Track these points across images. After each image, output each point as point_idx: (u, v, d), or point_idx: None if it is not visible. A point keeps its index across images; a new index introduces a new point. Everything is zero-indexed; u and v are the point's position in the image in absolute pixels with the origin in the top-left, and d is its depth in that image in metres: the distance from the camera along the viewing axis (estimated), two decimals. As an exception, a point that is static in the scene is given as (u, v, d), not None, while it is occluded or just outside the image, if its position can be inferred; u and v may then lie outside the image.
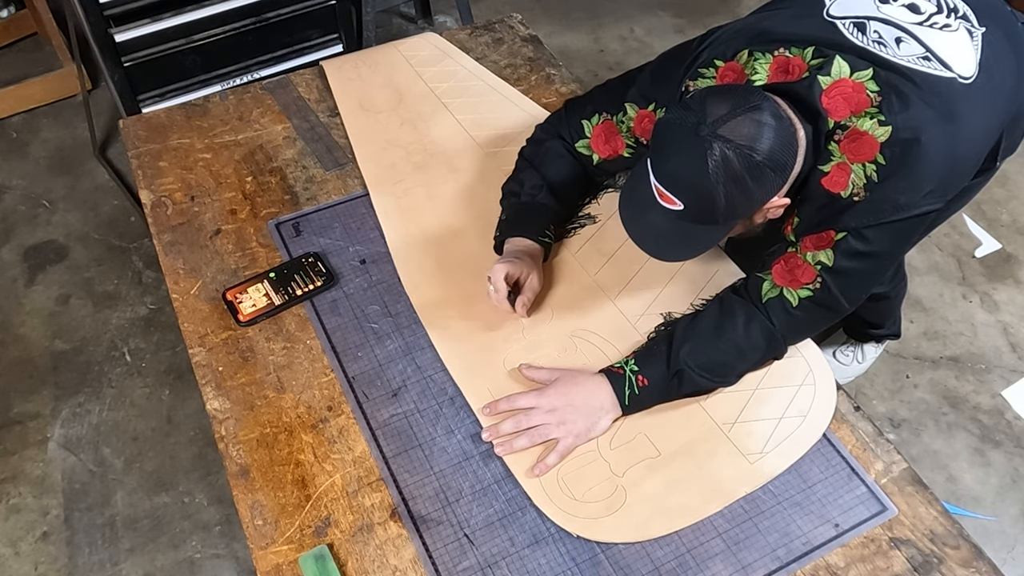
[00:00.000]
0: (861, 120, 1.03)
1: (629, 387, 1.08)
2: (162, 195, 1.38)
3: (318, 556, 0.97)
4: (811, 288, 1.08)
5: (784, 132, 1.00)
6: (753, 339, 1.10)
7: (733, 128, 0.97)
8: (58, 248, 2.28)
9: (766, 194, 1.01)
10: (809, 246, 1.08)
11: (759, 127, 0.97)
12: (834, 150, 1.04)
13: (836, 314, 1.12)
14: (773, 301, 1.10)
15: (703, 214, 1.02)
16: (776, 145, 0.98)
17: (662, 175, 1.01)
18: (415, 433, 1.09)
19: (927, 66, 1.06)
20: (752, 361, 1.12)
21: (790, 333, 1.12)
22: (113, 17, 2.08)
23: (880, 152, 1.02)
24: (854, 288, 1.10)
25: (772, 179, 1.00)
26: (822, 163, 1.05)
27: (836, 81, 1.04)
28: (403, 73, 1.60)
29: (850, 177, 1.03)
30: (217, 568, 1.70)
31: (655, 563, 0.98)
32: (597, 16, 3.06)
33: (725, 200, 0.99)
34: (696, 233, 1.06)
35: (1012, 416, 1.98)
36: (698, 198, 1.00)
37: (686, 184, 1.00)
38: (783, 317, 1.10)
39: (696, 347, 1.09)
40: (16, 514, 1.77)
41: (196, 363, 1.16)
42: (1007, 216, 2.44)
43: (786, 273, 1.10)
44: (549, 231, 1.25)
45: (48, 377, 2.00)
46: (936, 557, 1.00)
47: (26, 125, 2.62)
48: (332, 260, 1.28)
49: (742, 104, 0.98)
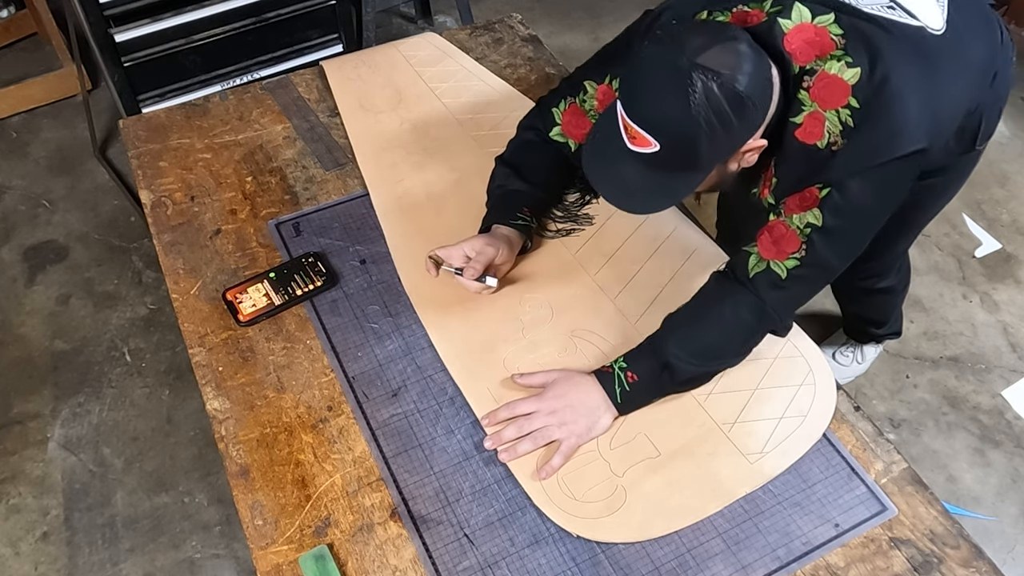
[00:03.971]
0: (828, 63, 0.98)
1: (619, 385, 1.08)
2: (162, 195, 1.38)
3: (318, 556, 0.97)
4: (797, 257, 1.04)
5: (761, 64, 0.95)
6: (739, 315, 1.07)
7: (713, 57, 0.91)
8: (58, 248, 2.28)
9: (747, 131, 0.96)
10: (794, 207, 1.03)
11: (739, 57, 0.92)
12: (804, 99, 1.00)
13: (828, 275, 1.08)
14: (759, 276, 1.06)
15: (682, 156, 0.96)
16: (756, 77, 0.93)
17: (637, 115, 0.95)
18: (415, 433, 1.09)
19: (892, 14, 1.03)
20: (745, 341, 1.10)
21: (783, 306, 1.08)
22: (113, 17, 2.08)
23: (852, 95, 0.97)
24: (844, 246, 1.05)
25: (753, 115, 0.95)
26: (793, 114, 1.01)
27: (797, 25, 1.00)
28: (403, 73, 1.60)
29: (825, 126, 0.99)
30: (217, 568, 1.70)
31: (655, 563, 0.98)
32: (597, 16, 3.06)
33: (708, 139, 0.93)
34: (672, 180, 1.00)
35: (1012, 416, 1.98)
36: (678, 137, 0.94)
37: (665, 122, 0.94)
38: (773, 292, 1.06)
39: (679, 334, 1.08)
40: (16, 514, 1.77)
41: (196, 363, 1.16)
42: (1007, 216, 2.44)
43: (771, 245, 1.05)
44: (523, 214, 1.23)
45: (48, 377, 2.00)
46: (936, 557, 1.00)
47: (26, 125, 2.62)
48: (332, 260, 1.28)
49: (719, 34, 0.94)
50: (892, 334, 1.97)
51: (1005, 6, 2.81)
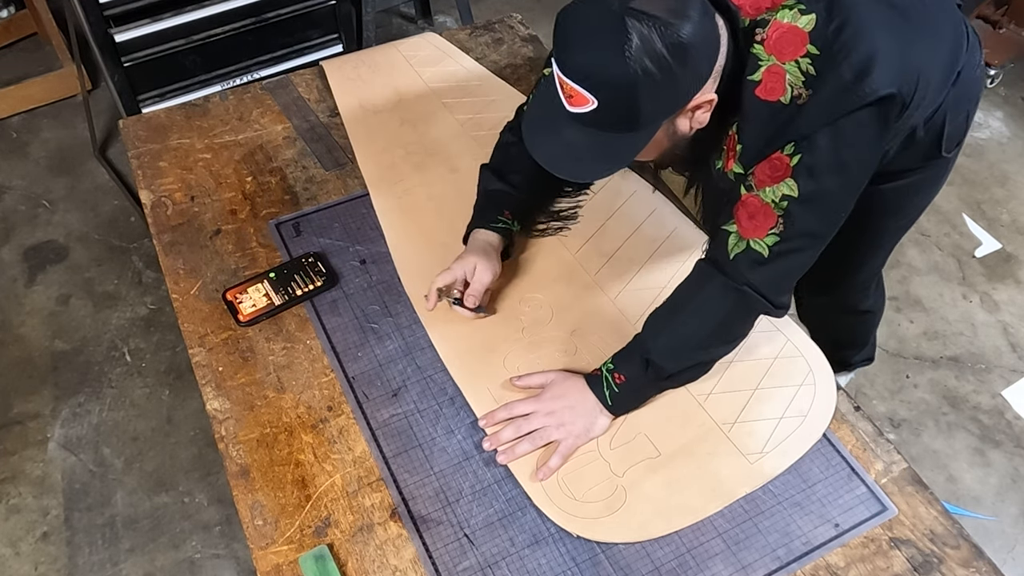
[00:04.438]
0: (781, 13, 0.92)
1: (608, 387, 1.07)
2: (162, 195, 1.38)
3: (318, 556, 0.97)
4: (776, 232, 0.97)
5: (706, 12, 0.88)
6: (719, 302, 1.02)
7: (649, 1, 0.84)
8: (58, 248, 2.29)
9: (692, 82, 0.90)
10: (765, 179, 0.96)
11: (677, 1, 0.86)
12: (760, 53, 0.93)
13: (816, 243, 1.00)
14: (740, 256, 0.99)
15: (620, 112, 0.88)
16: (697, 21, 0.86)
17: (569, 68, 0.87)
18: (415, 433, 1.09)
19: None
20: (727, 325, 1.05)
21: (771, 284, 1.01)
22: (113, 17, 2.08)
23: (810, 42, 0.91)
24: (827, 211, 0.98)
25: (697, 63, 0.88)
26: (750, 72, 0.93)
27: None
28: (403, 73, 1.60)
29: (786, 79, 0.92)
30: (217, 568, 1.70)
31: (655, 563, 0.98)
32: (597, 16, 3.05)
33: (646, 90, 0.85)
34: (613, 142, 0.92)
35: (1012, 416, 1.98)
36: (615, 92, 0.86)
37: (600, 75, 0.86)
38: (758, 272, 0.99)
39: (658, 329, 1.06)
40: (16, 514, 1.77)
41: (196, 363, 1.16)
42: (1007, 216, 2.44)
43: (747, 222, 0.98)
44: (504, 216, 1.22)
45: (48, 377, 2.00)
46: (936, 557, 1.00)
47: (26, 125, 2.62)
48: (332, 260, 1.28)
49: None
50: (865, 360, 1.89)
51: (1005, 6, 2.81)
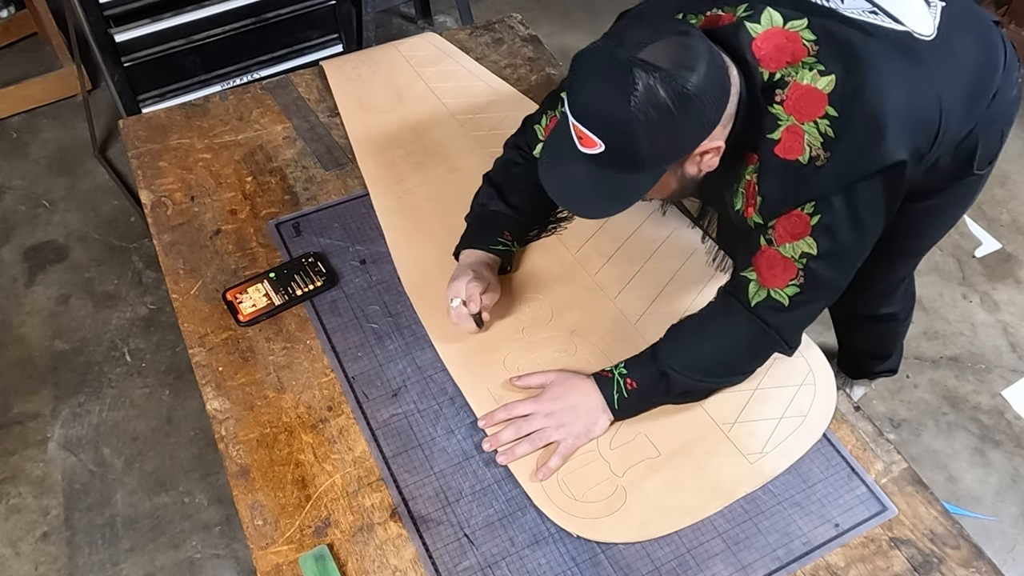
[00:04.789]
0: (800, 72, 0.95)
1: (618, 391, 1.07)
2: (162, 195, 1.38)
3: (318, 556, 0.97)
4: (797, 284, 1.01)
5: (714, 63, 0.91)
6: (741, 337, 1.06)
7: (655, 51, 0.87)
8: (58, 248, 2.28)
9: (696, 132, 0.92)
10: (784, 236, 1.00)
11: (685, 51, 0.88)
12: (779, 113, 0.96)
13: (833, 293, 1.05)
14: (762, 304, 1.04)
15: (626, 156, 0.92)
16: (706, 75, 0.89)
17: (578, 111, 0.92)
18: (415, 433, 1.09)
19: (875, 18, 0.99)
20: (748, 358, 1.09)
21: (789, 329, 1.06)
22: (113, 17, 2.08)
23: (829, 104, 0.93)
24: (843, 266, 1.02)
25: (702, 113, 0.90)
26: (770, 130, 0.97)
27: (767, 30, 0.97)
28: (403, 73, 1.60)
29: (804, 139, 0.95)
30: (217, 568, 1.70)
31: (655, 563, 0.98)
32: (597, 16, 3.06)
33: (649, 137, 0.89)
34: (620, 183, 0.96)
35: (1012, 416, 1.98)
36: (619, 136, 0.90)
37: (605, 118, 0.90)
38: (778, 317, 1.04)
39: (678, 347, 1.07)
40: (16, 514, 1.77)
41: (196, 363, 1.16)
42: (1007, 216, 2.44)
43: (767, 271, 1.03)
44: (504, 238, 1.22)
45: (48, 377, 2.00)
46: (936, 557, 1.00)
47: (26, 125, 2.62)
48: (332, 260, 1.28)
49: (667, 29, 0.91)
50: (888, 371, 1.90)
51: (1005, 6, 2.81)
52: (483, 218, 1.24)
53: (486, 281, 1.16)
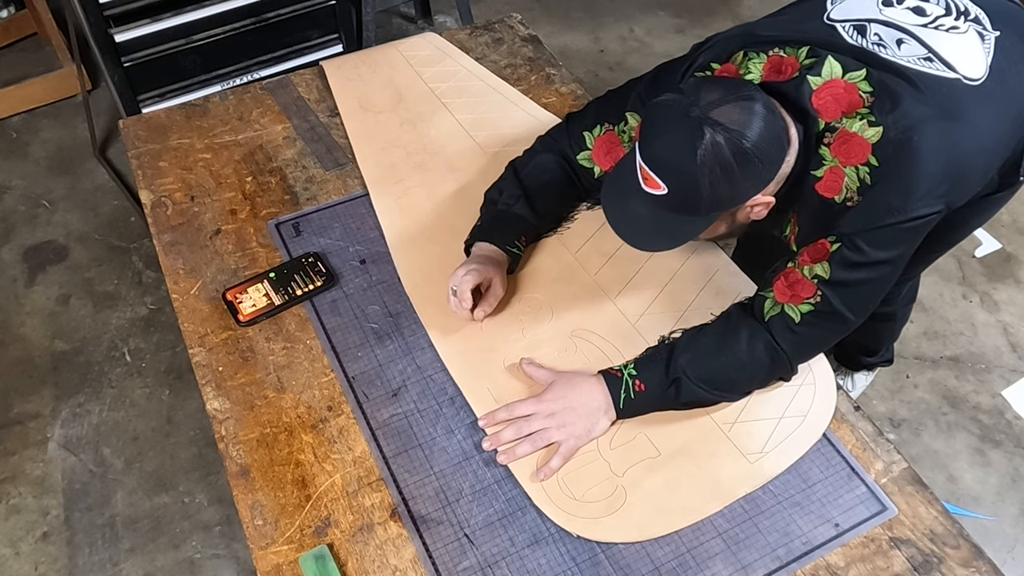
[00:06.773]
0: (851, 121, 1.01)
1: (625, 391, 1.08)
2: (162, 195, 1.38)
3: (318, 556, 0.97)
4: (812, 303, 1.06)
5: (774, 125, 0.99)
6: (756, 355, 1.08)
7: (725, 113, 0.96)
8: (58, 248, 2.28)
9: (752, 187, 1.00)
10: (806, 259, 1.06)
11: (750, 115, 0.96)
12: (825, 154, 1.03)
13: (843, 327, 1.09)
14: (775, 319, 1.08)
15: (686, 201, 1.00)
16: (766, 135, 0.97)
17: (648, 156, 1.00)
18: (415, 433, 1.09)
19: (928, 66, 1.04)
20: (755, 378, 1.11)
21: (796, 351, 1.09)
22: (113, 17, 2.08)
23: (872, 154, 1.00)
24: (857, 299, 1.07)
25: (759, 171, 0.98)
26: (814, 168, 1.04)
27: (827, 82, 1.03)
28: (403, 73, 1.60)
29: (843, 181, 1.02)
30: (217, 568, 1.70)
31: (655, 563, 0.98)
32: (597, 16, 3.06)
33: (710, 187, 0.97)
34: (676, 223, 1.04)
35: (1012, 416, 1.98)
36: (682, 183, 0.98)
37: (672, 167, 0.98)
38: (787, 336, 1.07)
39: (696, 358, 1.08)
40: (16, 514, 1.77)
41: (196, 363, 1.16)
42: (1007, 216, 2.44)
43: (786, 289, 1.08)
44: (520, 242, 1.24)
45: (48, 377, 2.00)
46: (936, 557, 1.00)
47: (26, 125, 2.62)
48: (332, 260, 1.28)
49: (734, 92, 0.98)
50: (884, 362, 1.93)
51: (1005, 6, 2.81)
52: (506, 216, 1.24)
53: (490, 277, 1.17)
